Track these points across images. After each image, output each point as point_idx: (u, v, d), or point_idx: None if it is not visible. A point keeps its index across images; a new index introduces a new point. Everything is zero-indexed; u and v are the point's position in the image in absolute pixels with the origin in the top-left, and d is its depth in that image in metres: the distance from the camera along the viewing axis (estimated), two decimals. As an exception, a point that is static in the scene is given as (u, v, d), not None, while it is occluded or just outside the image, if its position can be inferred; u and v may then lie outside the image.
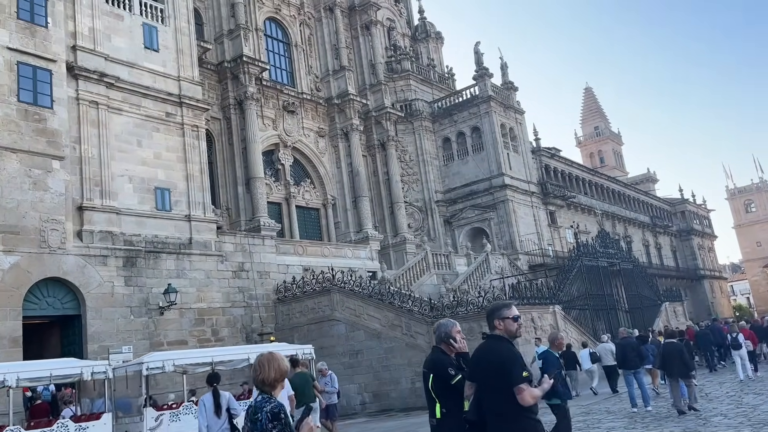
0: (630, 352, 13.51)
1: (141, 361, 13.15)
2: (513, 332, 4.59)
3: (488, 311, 4.80)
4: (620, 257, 28.04)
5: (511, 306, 4.70)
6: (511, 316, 4.60)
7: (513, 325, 4.60)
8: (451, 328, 4.92)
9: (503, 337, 4.57)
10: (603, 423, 12.34)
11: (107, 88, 20.83)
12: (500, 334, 4.59)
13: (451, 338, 4.83)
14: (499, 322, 4.61)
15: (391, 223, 41.44)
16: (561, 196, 46.32)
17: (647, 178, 79.87)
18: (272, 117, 36.61)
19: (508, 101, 45.11)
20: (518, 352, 4.46)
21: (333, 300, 22.45)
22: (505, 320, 4.59)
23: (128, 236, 20.27)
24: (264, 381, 3.95)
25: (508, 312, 4.63)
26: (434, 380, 4.77)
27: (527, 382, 4.24)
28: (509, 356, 4.37)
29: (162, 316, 20.39)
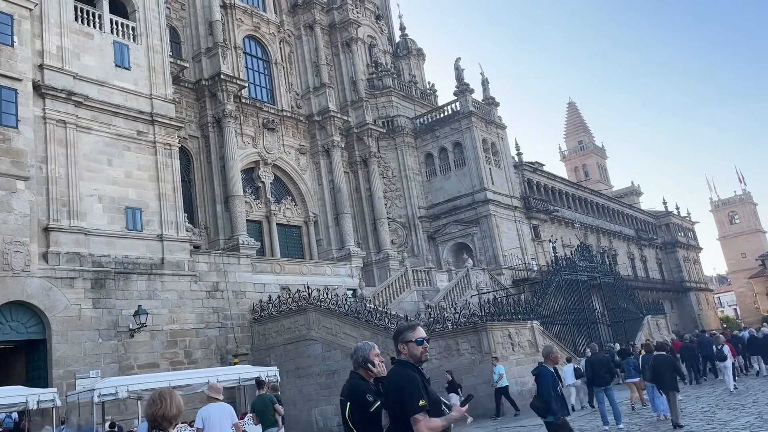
0: (600, 369, 13.28)
1: (93, 387, 12.70)
2: (417, 356, 4.27)
3: (393, 334, 4.53)
4: (601, 270, 27.87)
5: (416, 328, 4.39)
6: (415, 339, 4.28)
7: (417, 349, 4.27)
8: (369, 351, 4.60)
9: (407, 362, 4.26)
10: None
11: (75, 106, 20.49)
12: (405, 358, 4.28)
13: (369, 362, 4.52)
14: (403, 346, 4.31)
15: (374, 239, 41.15)
16: (544, 210, 46.28)
17: (631, 191, 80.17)
18: (252, 134, 36.37)
19: (490, 116, 45.17)
20: (417, 379, 4.11)
21: (309, 319, 22.05)
22: (409, 344, 4.28)
23: (97, 257, 19.83)
24: (164, 416, 3.69)
25: (411, 335, 4.31)
26: (351, 408, 4.45)
27: (424, 412, 3.95)
28: (406, 383, 4.06)
29: (132, 338, 19.90)
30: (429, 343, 4.40)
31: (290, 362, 22.30)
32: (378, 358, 4.58)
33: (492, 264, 40.33)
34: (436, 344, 19.10)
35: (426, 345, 4.33)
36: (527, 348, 19.65)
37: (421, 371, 4.26)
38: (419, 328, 4.40)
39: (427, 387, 4.14)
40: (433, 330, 19.14)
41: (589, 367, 13.61)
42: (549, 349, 9.28)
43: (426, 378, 4.26)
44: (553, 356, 9.18)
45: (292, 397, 21.72)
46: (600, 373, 13.17)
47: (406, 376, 4.12)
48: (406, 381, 4.08)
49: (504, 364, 18.28)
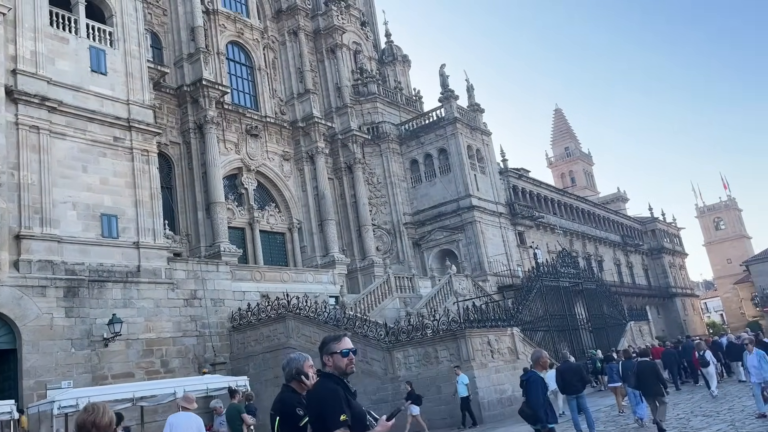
0: (571, 377, 13.16)
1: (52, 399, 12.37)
2: (342, 368, 4.08)
3: (319, 345, 4.33)
4: (583, 277, 27.79)
5: (342, 339, 4.18)
6: (340, 350, 4.08)
7: (342, 361, 4.08)
8: (303, 362, 4.40)
9: (331, 374, 4.06)
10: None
11: (49, 112, 20.17)
12: (329, 371, 4.09)
13: (302, 374, 4.33)
14: (327, 357, 4.11)
15: (359, 246, 40.94)
16: (529, 216, 46.26)
17: (618, 197, 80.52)
18: (235, 141, 36.12)
19: (475, 123, 45.14)
20: (340, 392, 3.92)
21: (288, 327, 21.79)
22: (334, 355, 4.09)
23: (70, 265, 19.48)
24: (95, 423, 3.67)
25: (336, 345, 4.12)
26: (281, 423, 4.26)
27: (345, 427, 3.77)
28: (327, 397, 3.88)
29: (106, 348, 19.54)
30: (355, 355, 4.18)
31: (269, 371, 22.00)
32: (312, 370, 4.39)
33: (477, 270, 40.20)
34: (415, 352, 18.93)
35: (352, 357, 4.12)
36: (507, 355, 19.49)
37: (347, 384, 4.07)
38: (346, 338, 4.20)
39: (351, 401, 3.95)
40: (413, 337, 18.96)
41: (559, 376, 13.54)
42: (538, 354, 8.92)
43: (352, 391, 4.07)
44: (542, 362, 8.82)
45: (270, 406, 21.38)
46: (571, 381, 13.06)
47: (328, 389, 3.93)
48: (327, 395, 3.89)
49: (484, 371, 18.12)
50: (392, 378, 19.04)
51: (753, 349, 13.08)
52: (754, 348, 13.16)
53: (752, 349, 13.11)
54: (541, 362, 8.76)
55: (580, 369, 13.96)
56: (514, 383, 19.06)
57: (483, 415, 17.36)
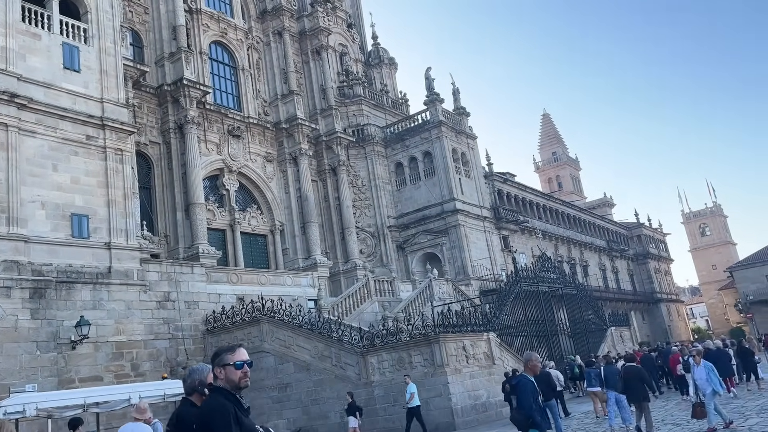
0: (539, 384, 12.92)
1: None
2: (235, 382, 3.72)
3: (211, 356, 4.01)
4: (563, 282, 27.60)
5: (236, 350, 3.83)
6: (233, 362, 3.73)
7: (235, 374, 3.72)
8: (207, 374, 4.07)
9: (222, 389, 3.70)
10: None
11: (19, 109, 19.72)
12: (221, 384, 3.72)
13: (206, 387, 4.00)
14: (219, 370, 3.75)
15: (342, 249, 40.62)
16: (514, 220, 46.12)
17: (604, 202, 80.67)
18: (216, 141, 35.70)
19: (460, 126, 44.99)
20: (229, 409, 3.57)
21: (263, 330, 21.43)
22: (226, 367, 3.72)
23: (37, 266, 19.02)
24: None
25: (230, 357, 3.76)
26: None
27: None
28: (214, 414, 3.53)
29: (74, 350, 19.09)
30: (251, 367, 3.83)
31: (243, 375, 21.60)
32: None
33: (461, 274, 39.99)
34: (389, 357, 18.63)
35: (246, 369, 3.77)
36: (483, 360, 19.23)
37: (239, 399, 3.72)
38: (241, 350, 3.85)
39: (242, 418, 3.62)
40: (387, 342, 18.66)
41: None
42: (529, 356, 8.38)
43: (244, 407, 3.71)
44: (531, 364, 8.31)
45: (243, 411, 21.02)
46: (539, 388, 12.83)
47: (215, 405, 3.59)
48: (214, 412, 3.55)
49: (458, 377, 17.84)
50: (366, 383, 18.73)
51: (701, 361, 12.70)
52: (701, 360, 12.78)
53: (699, 361, 12.73)
54: (530, 365, 8.29)
55: (549, 376, 13.77)
56: (490, 389, 18.86)
57: (456, 422, 17.07)
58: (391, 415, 18.13)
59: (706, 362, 12.65)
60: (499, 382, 19.55)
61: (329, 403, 19.35)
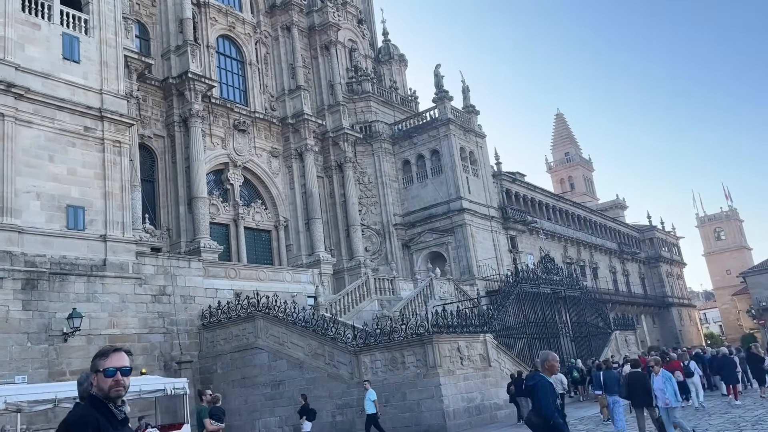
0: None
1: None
2: (105, 391, 3.24)
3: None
4: (566, 284, 27.08)
5: (111, 354, 3.33)
6: (103, 368, 3.27)
7: (105, 382, 3.24)
8: None
9: (95, 397, 3.26)
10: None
11: (16, 99, 19.61)
12: (95, 392, 3.28)
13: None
14: (93, 376, 3.32)
15: (347, 246, 40.34)
16: (522, 221, 45.56)
17: (616, 204, 79.68)
18: (221, 135, 35.56)
19: (469, 124, 44.49)
20: (94, 422, 3.11)
21: (257, 327, 21.19)
22: (98, 374, 3.28)
23: (31, 257, 18.91)
24: None
25: (102, 362, 3.30)
26: None
27: None
28: (68, 428, 3.10)
29: (66, 343, 18.96)
30: (126, 376, 3.31)
31: (237, 371, 21.43)
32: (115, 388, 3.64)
33: (466, 274, 39.55)
34: (382, 356, 18.31)
35: (119, 378, 3.27)
36: (478, 362, 18.83)
37: (111, 410, 3.24)
38: (117, 354, 3.34)
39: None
40: (380, 341, 18.34)
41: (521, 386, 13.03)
42: (545, 355, 7.69)
43: (118, 418, 3.25)
44: (548, 364, 7.56)
45: (237, 407, 20.84)
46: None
47: (74, 417, 3.17)
48: (69, 424, 3.14)
49: (451, 378, 17.47)
50: (358, 382, 18.41)
51: (659, 371, 12.11)
52: (660, 369, 12.17)
53: (658, 371, 12.14)
54: (547, 365, 7.54)
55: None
56: (485, 391, 18.48)
57: (448, 424, 16.71)
58: (383, 416, 17.78)
59: (665, 372, 12.07)
60: (495, 384, 19.18)
61: (321, 402, 19.05)
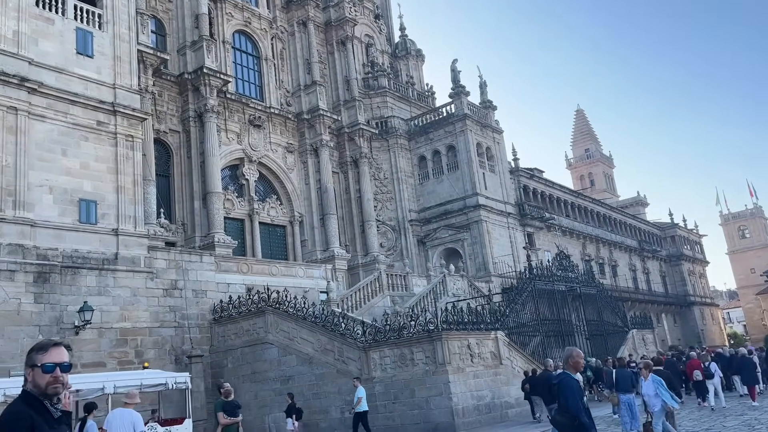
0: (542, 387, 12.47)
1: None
2: (42, 388, 3.03)
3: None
4: (581, 281, 26.64)
5: (50, 349, 3.11)
6: (41, 363, 3.04)
7: (43, 378, 3.03)
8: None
9: (30, 393, 3.04)
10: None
11: (29, 93, 19.75)
12: (29, 388, 3.05)
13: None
14: (29, 370, 3.08)
15: (362, 242, 40.21)
16: (539, 217, 45.04)
17: (637, 201, 78.51)
18: (237, 131, 35.60)
19: (486, 120, 44.08)
20: (26, 420, 2.90)
21: (267, 322, 21.13)
22: (35, 369, 3.05)
23: (43, 250, 19.05)
24: None
25: (39, 357, 3.08)
26: None
27: None
28: (3, 426, 2.88)
29: (77, 336, 19.07)
30: (65, 373, 3.10)
31: (247, 366, 21.42)
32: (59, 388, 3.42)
33: (482, 271, 39.24)
34: (391, 353, 18.13)
35: (58, 374, 3.06)
36: (489, 360, 18.56)
37: (47, 408, 3.03)
38: (56, 349, 3.13)
39: (43, 430, 3.02)
40: (389, 338, 18.17)
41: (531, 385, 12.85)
42: (569, 352, 7.14)
43: (54, 416, 3.02)
44: (572, 361, 6.99)
45: (247, 401, 20.79)
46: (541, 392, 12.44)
47: (6, 417, 2.89)
48: (3, 425, 2.96)
49: (460, 376, 17.24)
50: (367, 379, 18.25)
51: (648, 375, 11.34)
52: (649, 374, 11.41)
53: (647, 375, 11.36)
54: (572, 362, 6.99)
55: (549, 379, 13.16)
56: (495, 389, 18.22)
57: (457, 422, 16.48)
58: (391, 413, 17.65)
59: (655, 376, 11.39)
60: (506, 382, 18.91)
61: (330, 398, 18.96)
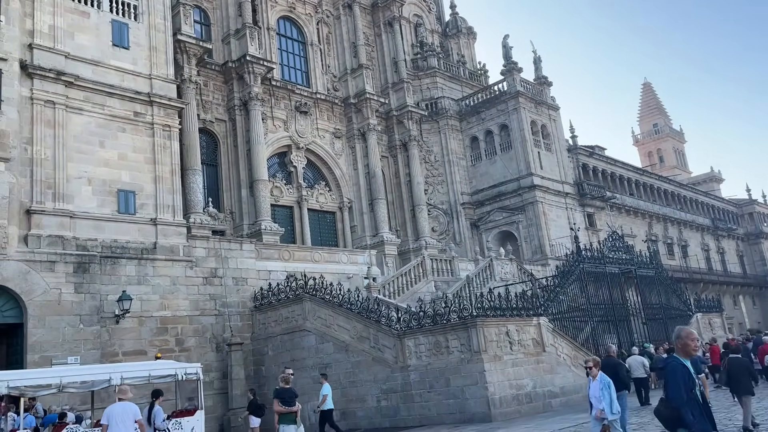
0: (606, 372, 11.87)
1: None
2: None
3: None
4: (636, 262, 24.99)
5: None
6: None
7: None
8: None
9: None
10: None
11: (66, 86, 20.08)
12: None
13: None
14: None
15: (412, 226, 39.54)
16: (600, 197, 43.00)
17: (711, 177, 74.05)
18: (283, 118, 35.50)
19: (541, 97, 42.32)
20: None
21: (305, 309, 20.86)
22: None
23: (82, 241, 19.38)
24: None
25: None
26: None
27: None
28: None
29: (118, 324, 19.38)
30: None
31: (286, 353, 21.24)
32: None
33: (538, 254, 37.89)
34: (426, 340, 17.45)
35: None
36: (530, 347, 17.57)
37: None
38: None
39: None
40: (423, 325, 17.48)
41: None
42: (678, 331, 5.91)
43: None
44: (681, 343, 5.75)
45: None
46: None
47: None
48: None
49: (497, 364, 16.37)
50: (402, 367, 17.69)
51: (597, 375, 9.93)
52: (599, 373, 9.98)
53: (596, 374, 9.93)
54: (680, 344, 5.77)
55: (617, 366, 12.36)
56: (537, 378, 17.30)
57: (493, 412, 15.65)
58: (427, 402, 17.00)
59: (604, 376, 10.01)
60: (550, 371, 17.91)
61: (366, 386, 18.50)
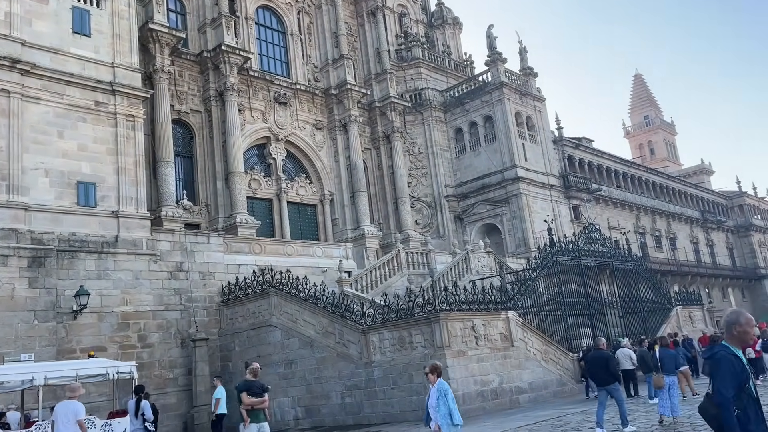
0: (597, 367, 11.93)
1: None
2: None
3: None
4: (614, 255, 24.49)
5: None
6: None
7: None
8: None
9: None
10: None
11: (22, 75, 19.41)
12: None
13: None
14: None
15: (395, 219, 39.01)
16: (585, 189, 42.50)
17: (701, 169, 73.58)
18: (262, 109, 34.85)
19: (526, 88, 41.72)
20: None
21: (271, 304, 20.29)
22: None
23: (38, 234, 18.77)
24: None
25: None
26: None
27: None
28: None
29: (75, 320, 18.79)
30: None
31: (252, 349, 20.70)
32: None
33: (522, 247, 37.40)
34: (390, 335, 16.92)
35: None
36: (498, 342, 17.06)
37: None
38: None
39: None
40: (388, 319, 16.95)
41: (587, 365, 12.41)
42: (734, 317, 4.82)
43: None
44: (737, 330, 4.71)
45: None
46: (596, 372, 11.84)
47: None
48: None
49: (461, 359, 15.85)
50: (366, 363, 17.16)
51: (435, 381, 9.10)
52: (437, 380, 9.14)
53: (434, 380, 9.11)
54: (737, 331, 4.73)
55: (608, 359, 11.97)
56: (504, 374, 16.83)
57: (457, 410, 15.12)
58: (390, 399, 16.49)
59: (442, 383, 9.20)
60: (518, 366, 17.41)
61: (331, 383, 17.97)
